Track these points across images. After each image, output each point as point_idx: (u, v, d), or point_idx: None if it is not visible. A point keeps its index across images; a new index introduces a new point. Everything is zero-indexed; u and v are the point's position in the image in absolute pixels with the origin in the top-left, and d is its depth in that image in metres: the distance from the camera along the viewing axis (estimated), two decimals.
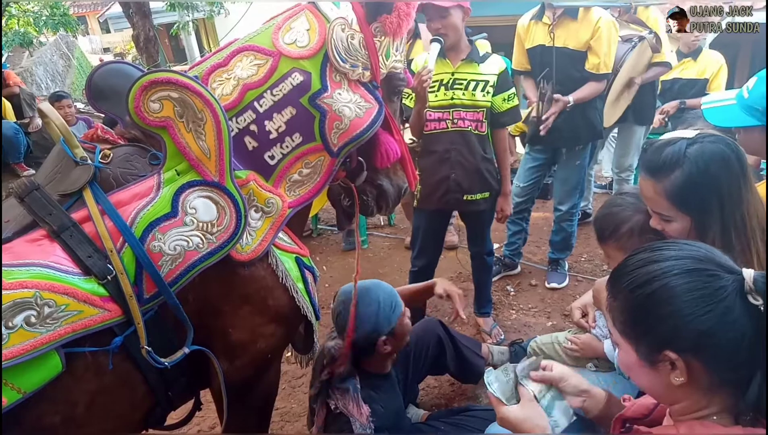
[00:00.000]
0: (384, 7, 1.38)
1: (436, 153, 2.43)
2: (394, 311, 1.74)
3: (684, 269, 0.83)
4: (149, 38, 7.94)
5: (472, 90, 2.34)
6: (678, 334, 0.81)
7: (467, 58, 2.33)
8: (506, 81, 2.39)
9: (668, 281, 0.83)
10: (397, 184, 1.64)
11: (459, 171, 2.42)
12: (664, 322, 0.82)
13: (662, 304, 0.83)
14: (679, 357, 0.81)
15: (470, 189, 2.46)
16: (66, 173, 1.16)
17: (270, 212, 1.32)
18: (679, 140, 1.27)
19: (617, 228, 1.55)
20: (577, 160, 3.06)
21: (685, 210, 1.27)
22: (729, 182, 1.22)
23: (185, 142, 1.19)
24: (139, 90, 1.14)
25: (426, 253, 2.68)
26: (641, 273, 0.87)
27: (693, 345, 0.81)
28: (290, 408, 2.46)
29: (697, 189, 1.23)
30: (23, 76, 8.50)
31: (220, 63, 1.32)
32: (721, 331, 0.79)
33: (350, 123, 1.35)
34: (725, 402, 0.83)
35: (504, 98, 2.38)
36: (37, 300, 0.98)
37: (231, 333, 1.32)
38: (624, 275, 0.89)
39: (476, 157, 2.41)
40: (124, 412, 1.21)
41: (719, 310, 0.79)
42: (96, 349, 1.09)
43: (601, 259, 3.65)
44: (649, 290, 0.84)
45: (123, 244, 1.11)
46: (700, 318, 0.79)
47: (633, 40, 3.30)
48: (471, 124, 2.38)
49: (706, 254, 0.85)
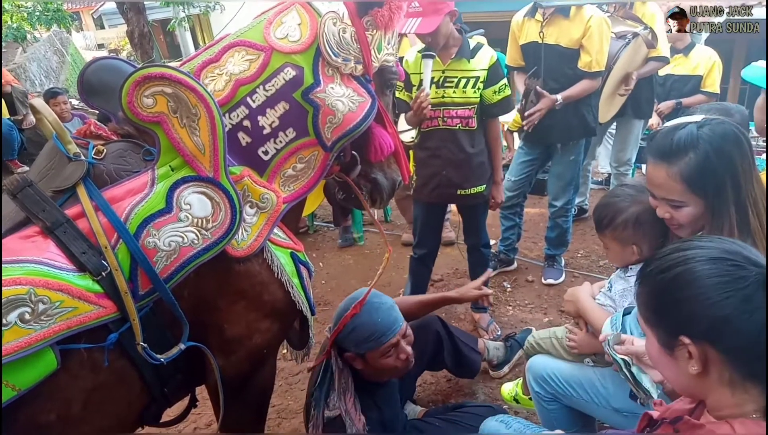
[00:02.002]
0: (375, 1, 1.38)
1: (428, 149, 2.48)
2: (376, 341, 1.69)
3: (709, 257, 0.83)
4: (144, 34, 7.91)
5: (462, 87, 2.36)
6: (694, 318, 0.82)
7: (457, 55, 2.34)
8: (497, 73, 2.39)
9: (692, 266, 0.83)
10: (392, 177, 1.65)
11: (450, 167, 2.46)
12: (682, 306, 0.83)
13: (683, 288, 0.83)
14: (692, 343, 0.81)
15: (462, 184, 2.50)
16: (59, 169, 1.15)
17: (265, 208, 1.32)
18: (688, 124, 1.27)
19: (613, 218, 1.58)
20: (572, 155, 3.07)
21: (700, 193, 1.26)
22: (742, 161, 1.22)
23: (179, 138, 1.18)
24: (132, 85, 1.14)
25: (425, 243, 2.77)
26: (668, 259, 0.88)
27: (708, 330, 0.80)
28: (287, 405, 2.46)
29: (713, 170, 1.22)
30: (17, 72, 8.44)
31: (211, 59, 1.31)
32: (739, 319, 0.78)
33: (343, 117, 1.35)
34: (760, 400, 0.81)
35: (495, 90, 2.39)
36: (32, 297, 0.97)
37: (226, 328, 1.32)
38: (653, 262, 0.91)
39: (465, 154, 2.44)
40: (119, 410, 1.21)
41: (738, 298, 0.78)
42: (91, 346, 1.09)
43: (597, 255, 3.66)
44: (672, 274, 0.85)
45: (117, 241, 1.11)
46: (717, 304, 0.79)
47: (627, 36, 3.31)
48: (461, 122, 2.41)
49: (734, 247, 0.85)
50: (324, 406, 1.67)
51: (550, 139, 3.05)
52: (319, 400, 1.69)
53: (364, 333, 1.68)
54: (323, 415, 1.65)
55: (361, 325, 1.68)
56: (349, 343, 1.71)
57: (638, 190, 1.59)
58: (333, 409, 1.65)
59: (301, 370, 2.64)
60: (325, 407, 1.67)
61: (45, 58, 10.00)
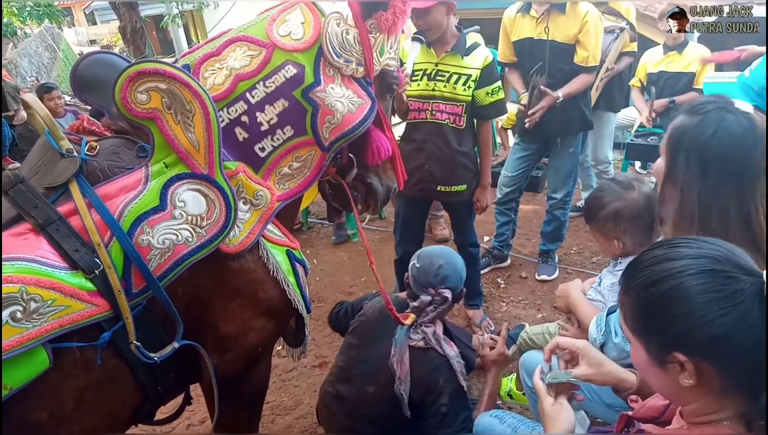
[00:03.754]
0: (380, 4, 1.38)
1: (414, 141, 2.48)
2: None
3: (700, 269, 0.79)
4: (136, 30, 7.83)
5: (453, 83, 2.36)
6: (689, 336, 0.78)
7: (452, 50, 2.34)
8: (491, 75, 2.39)
9: (683, 281, 0.79)
10: (387, 184, 1.64)
11: (433, 162, 2.46)
12: (676, 323, 0.79)
13: (675, 304, 0.79)
14: (688, 359, 0.78)
15: (443, 180, 2.49)
16: (51, 166, 1.14)
17: (258, 205, 1.31)
18: (728, 103, 1.21)
19: (597, 212, 1.65)
20: (570, 147, 3.10)
21: (672, 154, 1.22)
22: (756, 163, 1.15)
23: (173, 134, 1.17)
24: (126, 81, 1.13)
25: (405, 242, 2.72)
26: (656, 270, 0.83)
27: (705, 349, 0.77)
28: (281, 401, 2.45)
29: (700, 148, 1.17)
30: (8, 68, 8.38)
31: (212, 52, 1.31)
32: (736, 335, 0.75)
33: (342, 118, 1.34)
34: (738, 407, 0.80)
35: (487, 92, 2.38)
36: (23, 295, 0.97)
37: (221, 326, 1.31)
38: (638, 271, 0.86)
39: (451, 150, 2.44)
40: (112, 408, 1.20)
41: (735, 314, 0.75)
42: (84, 344, 1.08)
43: (590, 252, 3.67)
44: (662, 289, 0.81)
45: (111, 238, 1.10)
46: (713, 321, 0.75)
47: (615, 31, 3.40)
48: (449, 118, 2.40)
49: (725, 254, 0.80)
50: (406, 338, 1.66)
51: (551, 134, 3.06)
52: (401, 336, 1.67)
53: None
54: (407, 345, 1.65)
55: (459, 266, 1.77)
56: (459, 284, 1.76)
57: (624, 186, 1.64)
58: (417, 340, 1.66)
59: (295, 367, 2.64)
60: (407, 339, 1.66)
61: (36, 54, 9.92)
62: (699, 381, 0.79)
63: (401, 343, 1.65)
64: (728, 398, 0.80)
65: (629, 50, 3.55)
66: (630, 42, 3.53)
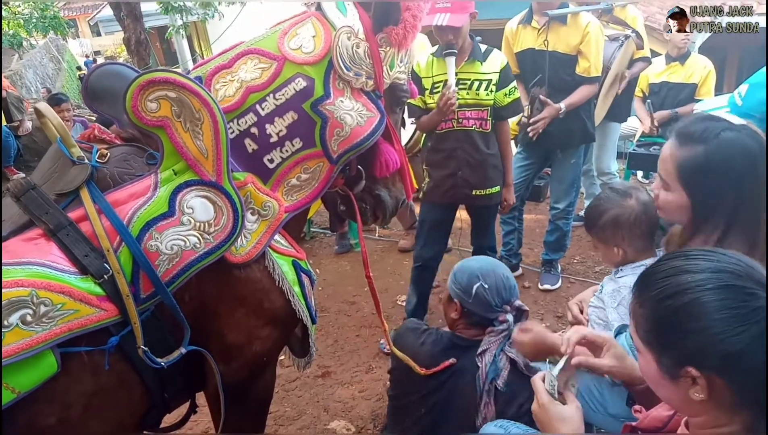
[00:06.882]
0: (391, 19, 1.40)
1: (444, 151, 2.52)
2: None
3: (720, 284, 0.77)
4: (140, 41, 7.91)
5: (476, 89, 2.41)
6: (704, 352, 0.77)
7: (470, 58, 2.40)
8: (507, 76, 2.47)
9: (701, 295, 0.77)
10: (395, 196, 1.65)
11: (465, 168, 2.50)
12: (691, 338, 0.78)
13: (691, 319, 0.77)
14: (701, 375, 0.77)
15: (478, 184, 2.53)
16: (63, 173, 1.15)
17: (266, 216, 1.32)
18: (723, 121, 1.23)
19: (597, 219, 1.67)
20: (572, 158, 3.11)
21: (687, 187, 1.23)
22: (755, 182, 1.17)
23: (182, 142, 1.19)
24: (136, 89, 1.14)
25: (432, 245, 2.72)
26: (672, 283, 0.81)
27: (719, 364, 0.76)
28: (284, 412, 2.45)
29: (709, 174, 1.19)
30: (12, 79, 8.44)
31: (224, 64, 1.33)
32: (752, 353, 0.74)
33: (351, 131, 1.36)
34: (747, 421, 0.79)
35: (505, 93, 2.46)
36: (33, 299, 0.97)
37: (226, 335, 1.31)
38: (654, 282, 0.83)
39: (481, 154, 2.49)
40: (120, 414, 1.20)
41: (753, 332, 0.74)
42: (92, 349, 1.08)
43: (593, 261, 3.67)
44: (679, 302, 0.79)
45: (120, 244, 1.11)
46: (730, 338, 0.74)
47: (620, 38, 3.42)
48: (475, 123, 2.46)
49: (745, 269, 0.78)
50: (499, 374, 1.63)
51: (552, 146, 3.08)
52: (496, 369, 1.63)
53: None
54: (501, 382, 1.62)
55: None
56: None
57: (622, 193, 1.66)
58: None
59: (298, 377, 2.64)
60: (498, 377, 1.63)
61: (41, 65, 10.00)
62: (710, 395, 0.78)
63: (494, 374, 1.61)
64: (738, 412, 0.79)
65: (642, 56, 3.57)
66: (637, 50, 3.54)
